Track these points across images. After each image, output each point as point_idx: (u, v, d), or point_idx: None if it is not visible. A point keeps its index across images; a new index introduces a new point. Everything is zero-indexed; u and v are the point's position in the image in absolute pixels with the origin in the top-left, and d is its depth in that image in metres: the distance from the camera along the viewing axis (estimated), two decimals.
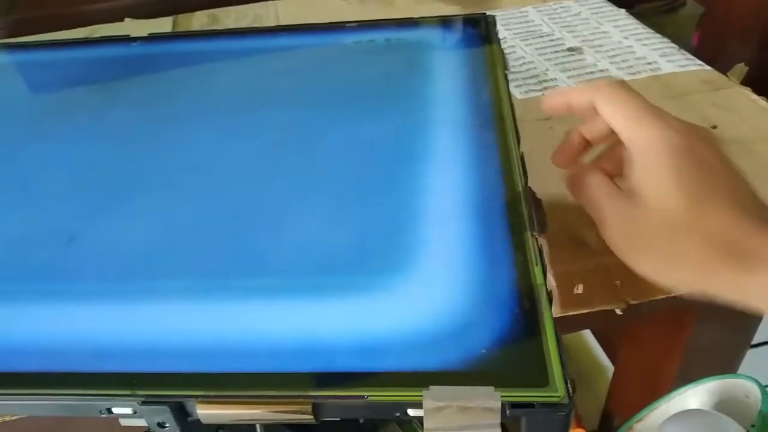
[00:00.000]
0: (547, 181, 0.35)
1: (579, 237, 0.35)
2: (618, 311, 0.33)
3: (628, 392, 0.61)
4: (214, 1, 0.71)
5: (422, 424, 0.19)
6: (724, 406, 0.38)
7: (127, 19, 0.69)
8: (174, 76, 0.45)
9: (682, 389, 0.41)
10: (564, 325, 0.35)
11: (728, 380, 0.39)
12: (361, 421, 0.61)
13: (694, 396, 0.40)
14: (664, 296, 0.34)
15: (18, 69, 0.50)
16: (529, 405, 0.19)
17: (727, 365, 0.49)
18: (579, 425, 0.60)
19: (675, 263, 0.25)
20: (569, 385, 0.20)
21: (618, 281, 0.34)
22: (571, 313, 0.33)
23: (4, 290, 0.25)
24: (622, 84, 0.28)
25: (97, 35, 0.62)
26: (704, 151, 0.26)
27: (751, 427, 0.33)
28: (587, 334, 0.75)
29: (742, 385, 0.38)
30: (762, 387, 0.36)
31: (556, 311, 0.33)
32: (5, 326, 0.24)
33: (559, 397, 0.19)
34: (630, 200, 0.26)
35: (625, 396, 0.61)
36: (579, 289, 0.33)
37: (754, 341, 0.59)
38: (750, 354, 0.51)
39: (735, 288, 0.24)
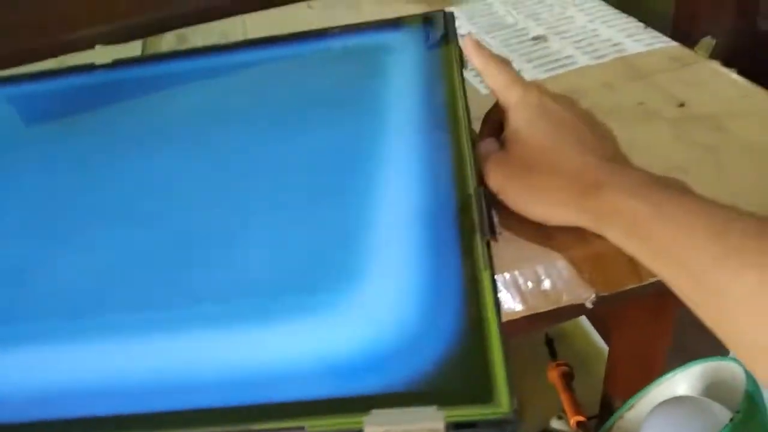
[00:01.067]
0: None
1: (545, 232, 0.34)
2: (588, 304, 0.33)
3: (624, 373, 0.60)
4: (184, 19, 0.71)
5: None
6: (712, 389, 0.38)
7: (97, 46, 0.69)
8: (134, 101, 0.45)
9: (671, 374, 0.41)
10: (535, 323, 0.34)
11: (715, 363, 0.38)
12: None
13: (683, 381, 0.40)
14: (632, 286, 0.33)
15: None
16: (472, 425, 0.19)
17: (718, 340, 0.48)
18: (578, 412, 0.59)
19: (539, 196, 0.30)
20: (515, 399, 0.19)
21: (587, 274, 0.33)
22: (540, 311, 0.33)
23: None
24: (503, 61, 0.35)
25: (66, 65, 0.62)
26: (555, 109, 0.32)
27: (736, 413, 0.32)
28: (583, 319, 0.74)
29: (727, 367, 0.37)
30: (746, 370, 0.35)
31: (525, 310, 0.33)
32: None
33: (504, 412, 0.19)
34: (503, 149, 0.32)
35: (621, 378, 0.61)
36: (546, 284, 0.33)
37: None
38: None
39: (590, 214, 0.28)
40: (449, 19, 0.46)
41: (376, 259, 0.25)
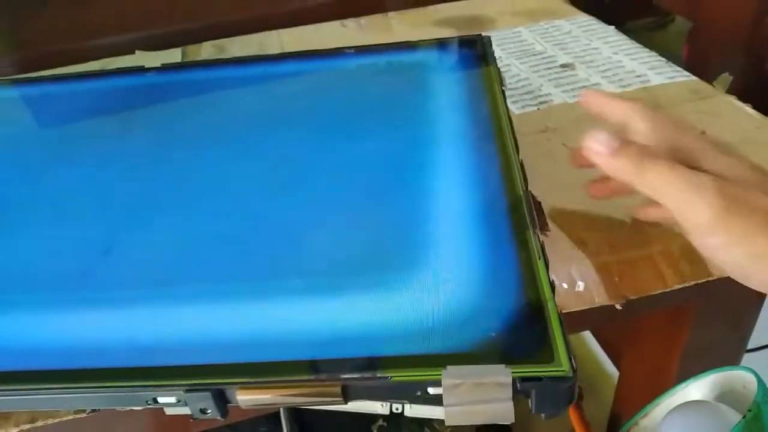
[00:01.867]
0: (546, 187, 0.37)
1: (580, 238, 0.37)
2: (618, 306, 0.35)
3: (634, 395, 0.62)
4: (220, 31, 0.74)
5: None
6: (724, 397, 0.40)
7: (138, 52, 0.72)
8: (188, 102, 0.48)
9: (684, 384, 0.43)
10: (568, 325, 0.37)
11: (727, 373, 0.41)
12: (375, 431, 0.62)
13: (696, 389, 0.42)
14: (660, 291, 0.36)
15: (39, 101, 0.52)
16: (538, 379, 0.21)
17: (728, 360, 0.51)
18: (587, 430, 0.61)
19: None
20: (573, 361, 0.22)
21: (617, 278, 0.36)
22: (573, 310, 0.35)
23: (54, 298, 0.28)
24: (657, 114, 0.29)
25: (110, 68, 0.65)
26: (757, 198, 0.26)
27: (748, 411, 0.35)
28: (593, 344, 0.77)
29: (740, 376, 0.40)
30: (759, 377, 0.38)
31: (560, 308, 0.35)
32: (58, 330, 0.26)
33: (564, 371, 0.21)
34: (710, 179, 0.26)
35: (631, 399, 0.63)
36: (580, 286, 0.35)
37: (755, 345, 0.61)
38: (750, 357, 0.53)
39: None
40: (487, 42, 0.49)
41: (439, 247, 0.28)
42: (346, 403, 0.22)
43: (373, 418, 0.62)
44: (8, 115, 0.50)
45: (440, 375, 0.22)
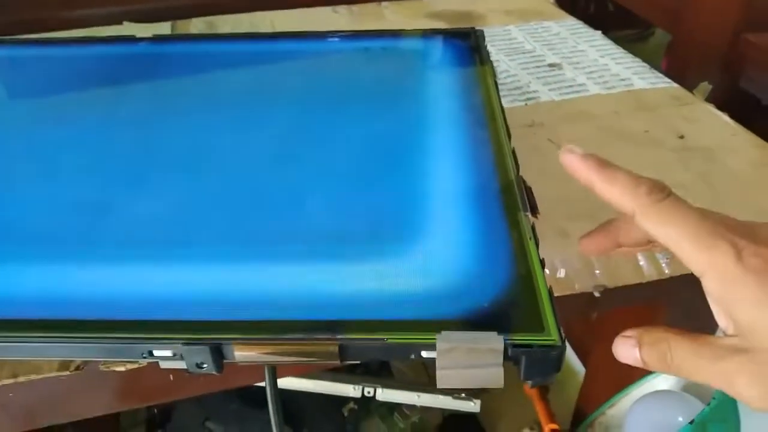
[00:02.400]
0: (531, 179, 0.38)
1: (562, 228, 0.38)
2: (596, 294, 0.37)
3: (600, 390, 0.64)
4: (209, 10, 0.74)
5: (401, 417, 0.21)
6: (689, 387, 0.42)
7: (125, 23, 0.71)
8: (181, 74, 0.48)
9: (652, 375, 0.45)
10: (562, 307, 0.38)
11: None
12: (346, 414, 0.63)
13: (662, 380, 0.44)
14: (637, 282, 0.37)
15: (27, 63, 0.52)
16: (528, 346, 0.22)
17: None
18: (552, 421, 0.63)
19: None
20: (561, 332, 0.23)
21: (597, 268, 0.37)
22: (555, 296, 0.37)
23: (52, 252, 0.28)
24: (668, 198, 0.24)
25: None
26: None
27: (712, 399, 0.36)
28: None
29: None
30: None
31: None
32: (55, 282, 0.26)
33: (554, 340, 0.22)
34: (730, 344, 0.23)
35: (596, 394, 0.65)
36: (561, 273, 0.37)
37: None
38: None
39: None
40: (480, 35, 0.50)
41: (434, 222, 0.29)
42: (341, 362, 0.23)
43: (344, 400, 0.63)
44: None
45: (434, 339, 0.22)
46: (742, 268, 0.22)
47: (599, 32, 0.64)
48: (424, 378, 0.71)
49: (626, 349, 0.25)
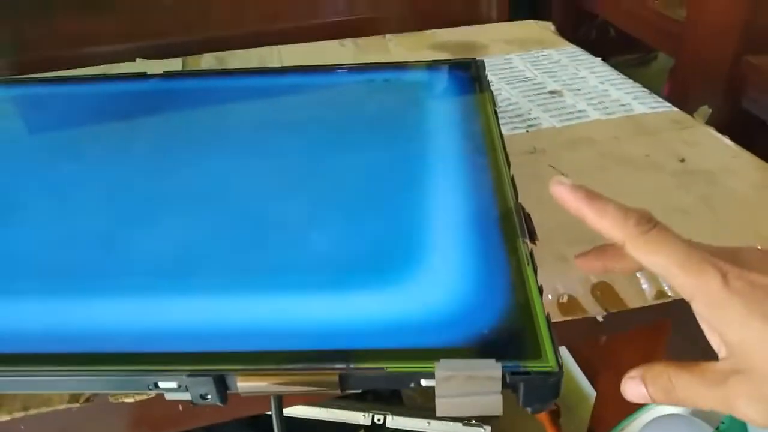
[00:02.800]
0: (532, 205, 0.39)
1: (562, 254, 0.39)
2: (599, 318, 0.37)
3: (611, 414, 0.63)
4: (218, 45, 0.76)
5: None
6: (699, 411, 0.42)
7: (138, 60, 0.73)
8: (189, 109, 0.49)
9: None
10: (564, 334, 0.38)
11: None
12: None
13: (672, 406, 0.44)
14: (640, 306, 0.37)
15: (42, 101, 0.53)
16: (526, 373, 0.23)
17: None
18: None
19: None
20: (559, 359, 0.23)
21: (599, 292, 0.37)
22: (556, 320, 0.37)
23: (58, 287, 0.29)
24: (656, 228, 0.25)
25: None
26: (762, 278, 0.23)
27: (721, 423, 0.36)
28: (571, 364, 0.78)
29: None
30: None
31: None
32: (62, 315, 0.27)
33: (551, 367, 0.23)
34: (725, 368, 0.23)
35: (607, 418, 0.64)
36: (564, 299, 0.37)
37: None
38: None
39: None
40: (480, 65, 0.51)
41: (432, 251, 0.29)
42: (342, 392, 0.23)
43: (355, 428, 0.63)
44: (11, 113, 0.50)
45: (433, 367, 0.23)
46: (728, 291, 0.23)
47: (599, 59, 0.65)
48: (434, 404, 0.70)
49: (633, 388, 0.26)
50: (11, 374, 0.24)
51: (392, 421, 0.59)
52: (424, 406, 0.67)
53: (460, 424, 0.60)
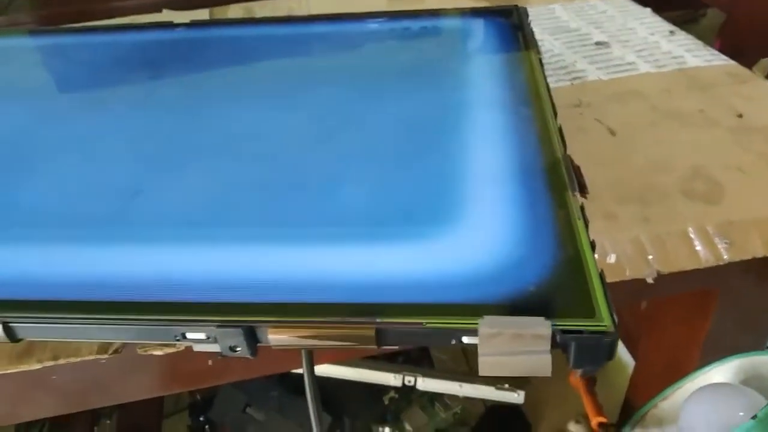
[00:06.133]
0: (578, 161, 0.36)
1: (610, 212, 0.36)
2: (649, 280, 0.35)
3: (650, 383, 0.62)
4: None
5: (443, 407, 0.20)
6: (749, 382, 0.39)
7: (164, 10, 0.72)
8: (218, 58, 0.47)
9: (707, 368, 0.42)
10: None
11: (753, 358, 0.40)
12: (386, 402, 0.62)
13: (719, 374, 0.41)
14: (693, 268, 0.35)
15: (68, 50, 0.52)
16: (578, 332, 0.21)
17: (752, 346, 0.50)
18: (600, 414, 0.61)
19: None
20: (614, 317, 0.21)
21: (649, 253, 0.35)
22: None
23: (85, 234, 0.28)
24: None
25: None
26: None
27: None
28: None
29: (765, 362, 0.39)
30: None
31: None
32: (90, 264, 0.26)
33: (606, 326, 0.21)
34: None
35: (646, 387, 0.62)
36: (612, 258, 0.35)
37: None
38: None
39: None
40: (522, 12, 0.48)
41: (474, 203, 0.28)
42: (378, 347, 0.22)
43: (385, 389, 0.62)
44: (37, 63, 0.49)
45: (476, 324, 0.21)
46: None
47: (649, 9, 0.61)
48: (465, 367, 0.69)
49: None
50: (39, 321, 0.23)
51: (423, 383, 0.58)
52: (455, 369, 0.66)
53: (493, 388, 0.59)
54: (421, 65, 0.41)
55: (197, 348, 0.23)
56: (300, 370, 0.32)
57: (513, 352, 0.21)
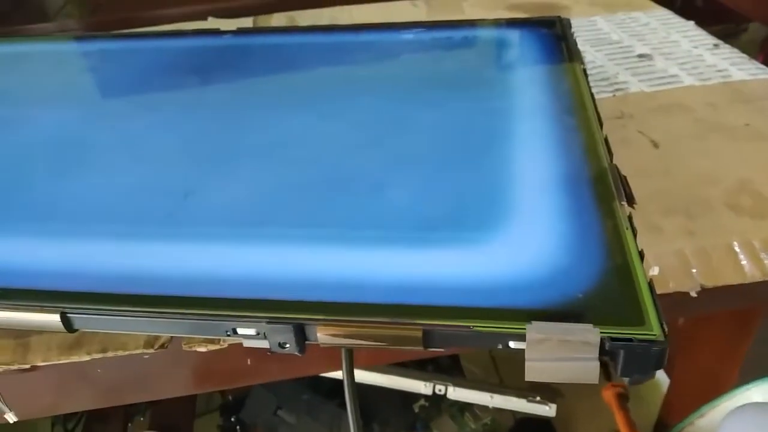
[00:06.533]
0: (622, 172, 0.36)
1: (655, 223, 0.36)
2: (693, 294, 0.34)
3: (685, 402, 0.61)
4: (290, 4, 0.75)
5: (472, 417, 0.20)
6: None
7: (210, 18, 0.73)
8: (264, 64, 0.48)
9: (746, 386, 0.42)
10: None
11: None
12: (416, 410, 0.62)
13: (758, 393, 0.41)
14: (739, 283, 0.35)
15: (117, 55, 0.54)
16: (628, 340, 0.21)
17: None
18: (633, 430, 0.60)
19: None
20: (664, 326, 0.21)
21: (693, 266, 0.35)
22: None
23: (138, 231, 0.28)
24: None
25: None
26: None
27: None
28: None
29: None
30: None
31: None
32: (142, 259, 0.26)
33: (656, 335, 0.21)
34: None
35: (681, 405, 0.61)
36: (655, 270, 0.35)
37: None
38: None
39: None
40: (566, 23, 0.48)
41: (520, 209, 0.28)
42: (425, 348, 0.22)
43: (415, 397, 0.62)
44: (87, 68, 0.51)
45: (524, 329, 0.21)
46: None
47: (692, 22, 0.61)
48: (495, 379, 0.69)
49: None
50: (95, 312, 0.24)
51: (453, 392, 0.58)
52: (485, 380, 0.66)
53: (525, 400, 0.58)
54: (465, 74, 0.42)
55: (247, 344, 0.24)
56: (332, 374, 0.33)
57: (560, 358, 0.21)
